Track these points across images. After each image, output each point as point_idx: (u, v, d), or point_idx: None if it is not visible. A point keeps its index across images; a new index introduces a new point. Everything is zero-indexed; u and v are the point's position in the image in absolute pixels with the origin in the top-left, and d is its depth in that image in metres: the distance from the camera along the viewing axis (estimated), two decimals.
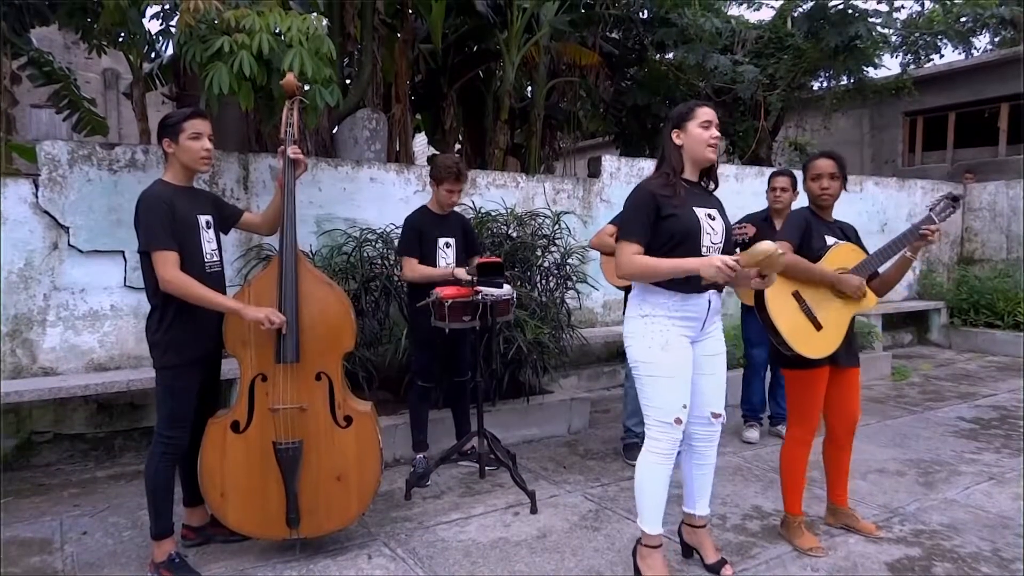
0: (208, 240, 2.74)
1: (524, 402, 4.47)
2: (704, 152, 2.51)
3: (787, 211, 4.19)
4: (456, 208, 3.81)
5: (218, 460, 2.71)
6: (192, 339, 2.66)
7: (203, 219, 2.73)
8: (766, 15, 9.87)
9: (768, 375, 4.56)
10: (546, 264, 4.79)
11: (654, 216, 2.44)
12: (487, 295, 3.23)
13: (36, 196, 3.95)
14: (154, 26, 15.15)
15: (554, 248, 4.83)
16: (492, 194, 5.43)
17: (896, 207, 8.09)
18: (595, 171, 6.22)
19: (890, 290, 3.00)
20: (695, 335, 2.53)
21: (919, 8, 11.58)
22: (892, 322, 7.98)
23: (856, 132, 12.15)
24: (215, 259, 2.77)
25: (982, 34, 11.75)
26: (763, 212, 4.34)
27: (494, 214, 4.90)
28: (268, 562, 2.81)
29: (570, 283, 4.84)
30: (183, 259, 2.57)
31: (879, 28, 8.28)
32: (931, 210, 2.81)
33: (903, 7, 11.58)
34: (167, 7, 4.93)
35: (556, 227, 4.91)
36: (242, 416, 2.73)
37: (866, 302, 2.89)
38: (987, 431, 4.71)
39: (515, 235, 4.74)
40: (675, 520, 2.87)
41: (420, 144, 11.83)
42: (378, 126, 5.73)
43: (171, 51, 6.16)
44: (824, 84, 10.01)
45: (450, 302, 3.19)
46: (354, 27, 6.25)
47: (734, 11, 10.09)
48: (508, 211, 4.96)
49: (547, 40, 7.55)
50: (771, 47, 8.73)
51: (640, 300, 2.53)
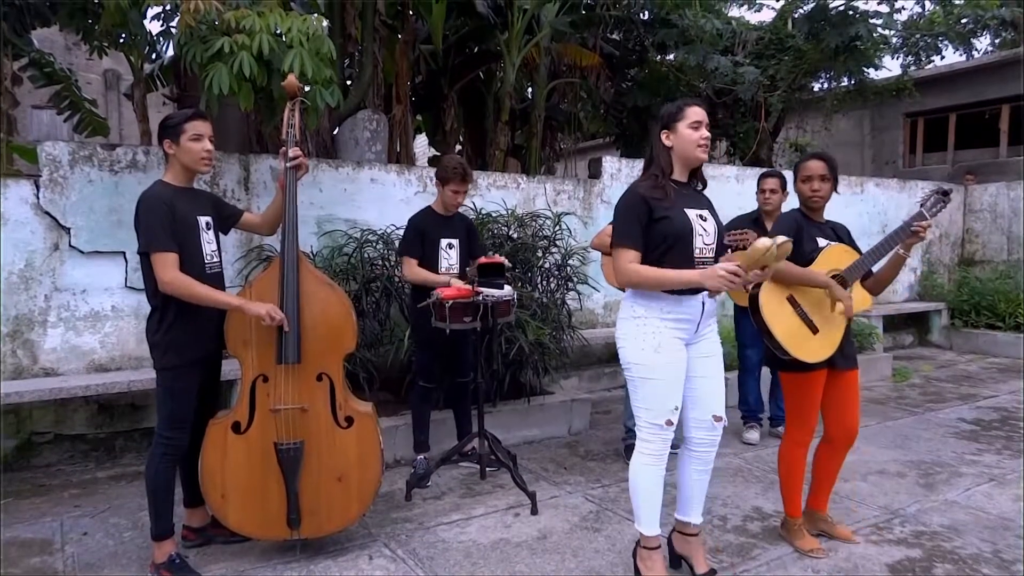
0: (208, 241, 2.74)
1: (525, 403, 4.47)
2: (694, 153, 2.46)
3: (777, 212, 4.19)
4: (459, 210, 3.81)
5: (219, 461, 2.71)
6: (192, 340, 2.66)
7: (203, 220, 2.73)
8: (767, 16, 9.89)
9: (765, 375, 4.56)
10: (547, 265, 4.80)
11: (646, 219, 2.40)
12: (488, 296, 3.23)
13: (37, 197, 3.96)
14: (155, 27, 15.16)
15: (555, 249, 4.83)
16: (493, 195, 5.43)
17: (897, 208, 8.08)
18: (596, 172, 6.22)
19: (884, 288, 2.97)
20: (689, 337, 2.51)
21: (920, 9, 11.59)
22: (893, 323, 7.98)
23: (857, 133, 12.15)
24: (215, 260, 2.77)
25: (983, 35, 11.77)
26: (753, 213, 4.33)
27: (495, 215, 4.91)
28: (269, 563, 2.81)
29: (571, 284, 4.85)
30: (183, 260, 2.58)
31: (880, 29, 8.28)
32: (922, 206, 2.80)
33: (904, 8, 11.59)
34: (168, 8, 4.93)
35: (557, 228, 4.92)
36: (243, 417, 2.73)
37: (861, 303, 2.89)
38: (988, 432, 4.71)
39: (516, 236, 4.74)
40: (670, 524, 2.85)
41: (421, 145, 11.85)
42: (379, 127, 5.74)
43: (172, 52, 6.17)
44: (825, 85, 10.01)
45: (451, 303, 3.19)
46: (355, 28, 6.25)
47: (735, 12, 10.10)
48: (509, 212, 4.98)
49: (548, 41, 7.56)
50: (772, 48, 8.73)
51: (633, 302, 2.51)
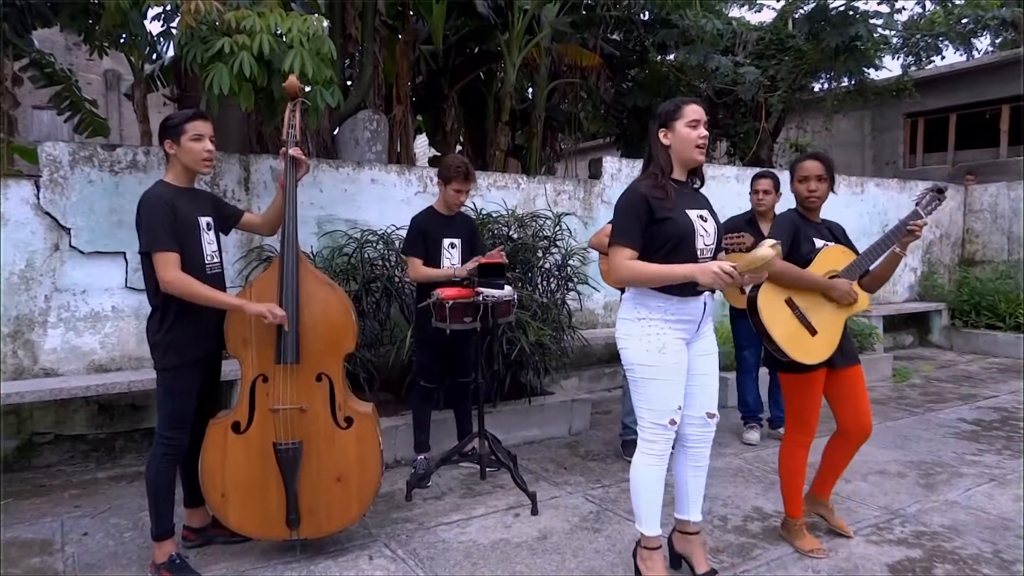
0: (209, 241, 2.74)
1: (525, 403, 4.47)
2: (692, 153, 2.45)
3: (771, 213, 4.18)
4: (461, 210, 3.81)
5: (219, 461, 2.72)
6: (193, 340, 2.66)
7: (204, 220, 2.73)
8: (767, 16, 9.89)
9: (764, 375, 4.55)
10: (547, 265, 4.80)
11: (647, 219, 2.38)
12: (488, 296, 3.23)
13: (37, 197, 3.96)
14: (155, 27, 15.18)
15: (555, 249, 4.83)
16: (493, 195, 5.43)
17: (897, 208, 8.07)
18: (596, 172, 6.22)
19: (881, 286, 2.97)
20: (690, 337, 2.52)
21: (920, 9, 11.60)
22: (893, 323, 7.97)
23: (857, 133, 12.14)
24: (215, 260, 2.77)
25: (983, 36, 11.78)
26: (747, 214, 4.33)
27: (495, 215, 4.91)
28: (269, 563, 2.81)
29: (571, 284, 4.85)
30: (184, 260, 2.58)
31: (880, 29, 8.28)
32: (917, 204, 2.81)
33: (904, 8, 11.60)
34: (168, 8, 4.94)
35: (557, 228, 4.92)
36: (243, 417, 2.73)
37: (859, 303, 2.89)
38: (988, 433, 4.71)
39: (516, 236, 4.74)
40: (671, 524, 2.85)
41: (421, 145, 11.86)
42: (379, 127, 5.74)
43: (172, 52, 6.18)
44: (825, 85, 10.01)
45: (451, 303, 3.19)
46: (355, 28, 6.26)
47: (735, 12, 10.10)
48: (509, 212, 4.97)
49: (548, 41, 7.55)
50: (772, 48, 8.73)
51: (636, 303, 2.49)
